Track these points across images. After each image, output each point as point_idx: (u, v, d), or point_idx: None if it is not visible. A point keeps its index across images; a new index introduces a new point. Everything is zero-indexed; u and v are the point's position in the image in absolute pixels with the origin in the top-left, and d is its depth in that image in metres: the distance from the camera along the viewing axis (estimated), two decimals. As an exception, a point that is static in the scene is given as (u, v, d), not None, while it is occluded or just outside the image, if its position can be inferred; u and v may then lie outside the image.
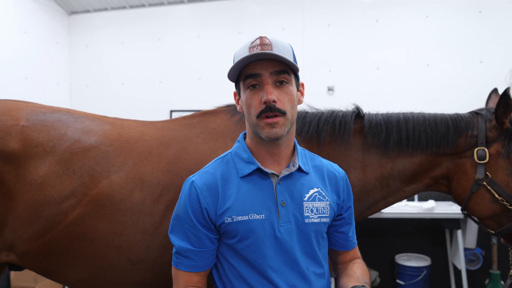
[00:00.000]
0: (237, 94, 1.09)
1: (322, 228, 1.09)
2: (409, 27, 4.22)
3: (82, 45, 5.08)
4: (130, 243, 1.29)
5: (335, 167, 1.19)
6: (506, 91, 1.51)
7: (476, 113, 1.64)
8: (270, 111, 0.97)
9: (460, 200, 1.63)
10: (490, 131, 1.56)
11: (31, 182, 1.27)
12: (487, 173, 1.54)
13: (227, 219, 1.01)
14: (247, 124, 1.07)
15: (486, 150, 1.54)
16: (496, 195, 1.51)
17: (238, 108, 1.09)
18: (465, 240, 3.28)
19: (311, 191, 1.09)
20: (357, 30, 4.31)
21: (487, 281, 3.39)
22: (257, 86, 0.99)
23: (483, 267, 3.44)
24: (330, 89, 4.28)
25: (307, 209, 1.06)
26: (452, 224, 3.31)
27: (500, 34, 3.98)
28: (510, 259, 1.68)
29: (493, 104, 1.74)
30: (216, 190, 1.03)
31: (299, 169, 1.08)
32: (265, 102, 0.96)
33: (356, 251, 1.22)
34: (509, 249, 1.70)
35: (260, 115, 0.98)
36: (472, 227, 3.27)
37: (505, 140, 1.54)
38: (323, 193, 1.10)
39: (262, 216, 1.01)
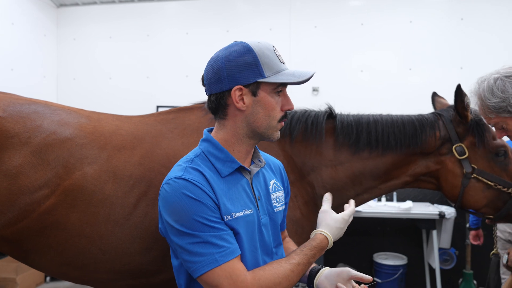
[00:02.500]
0: (243, 91, 1.02)
1: (282, 214, 1.20)
2: (393, 32, 4.30)
3: (70, 38, 5.06)
4: (101, 233, 1.32)
5: (274, 158, 1.28)
6: (459, 86, 1.61)
7: (438, 114, 1.73)
8: (286, 117, 1.09)
9: (453, 196, 1.69)
10: (458, 127, 1.66)
11: (5, 172, 1.29)
12: (472, 165, 1.62)
13: (226, 217, 0.99)
14: (248, 124, 1.04)
15: (463, 145, 1.63)
16: (489, 182, 1.60)
17: (239, 106, 1.02)
18: (440, 240, 3.37)
19: (271, 183, 1.17)
20: (343, 32, 4.39)
21: (460, 280, 3.50)
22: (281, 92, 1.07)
23: (456, 267, 3.55)
24: (315, 89, 4.35)
25: (274, 200, 1.15)
26: (428, 224, 3.40)
27: (481, 41, 4.08)
28: (494, 235, 1.83)
29: (440, 105, 1.88)
30: (210, 186, 0.99)
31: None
32: (287, 110, 1.07)
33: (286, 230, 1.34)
34: (493, 227, 1.83)
35: (281, 120, 1.07)
36: (447, 228, 3.36)
37: (474, 130, 1.64)
38: (278, 183, 1.20)
39: (251, 211, 1.05)
